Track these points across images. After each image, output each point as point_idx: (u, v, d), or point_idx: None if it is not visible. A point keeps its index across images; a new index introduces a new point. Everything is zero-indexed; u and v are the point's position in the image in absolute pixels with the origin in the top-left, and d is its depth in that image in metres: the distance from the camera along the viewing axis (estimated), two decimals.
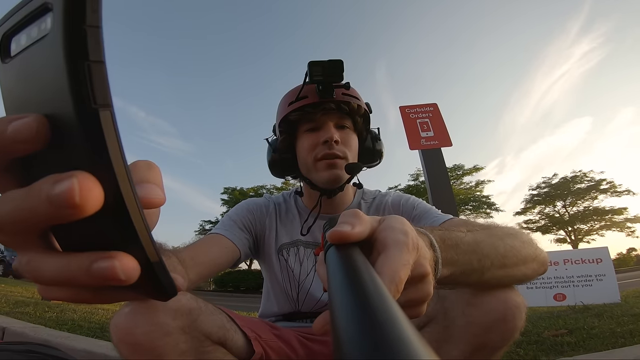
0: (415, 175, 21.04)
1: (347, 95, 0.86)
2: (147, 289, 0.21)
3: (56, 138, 0.17)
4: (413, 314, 0.34)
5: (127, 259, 0.18)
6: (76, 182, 0.15)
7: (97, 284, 0.18)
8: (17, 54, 0.18)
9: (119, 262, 0.17)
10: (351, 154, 0.87)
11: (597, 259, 3.71)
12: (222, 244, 0.80)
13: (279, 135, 0.93)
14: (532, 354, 1.71)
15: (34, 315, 2.57)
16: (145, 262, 0.19)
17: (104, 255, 0.18)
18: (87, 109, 0.16)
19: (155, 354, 0.49)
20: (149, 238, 0.19)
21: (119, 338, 0.50)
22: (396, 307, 0.17)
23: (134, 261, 0.18)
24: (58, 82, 0.16)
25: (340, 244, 0.30)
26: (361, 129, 0.93)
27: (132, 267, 0.18)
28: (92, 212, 0.16)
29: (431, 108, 3.46)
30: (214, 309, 0.59)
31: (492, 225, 0.57)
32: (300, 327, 0.85)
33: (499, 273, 0.49)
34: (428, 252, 0.36)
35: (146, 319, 0.50)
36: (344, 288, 0.20)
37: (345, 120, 0.88)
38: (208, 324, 0.55)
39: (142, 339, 0.49)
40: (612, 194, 21.53)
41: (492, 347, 0.56)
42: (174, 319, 0.51)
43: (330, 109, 0.85)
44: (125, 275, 0.18)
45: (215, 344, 0.56)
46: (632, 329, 1.93)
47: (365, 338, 0.14)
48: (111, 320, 0.52)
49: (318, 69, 0.80)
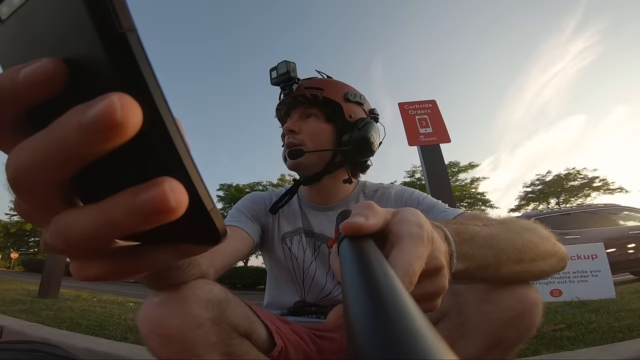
0: (411, 172, 21.16)
1: (310, 89, 0.92)
2: (196, 230, 0.19)
3: (76, 81, 0.16)
4: (428, 308, 0.33)
5: (175, 183, 0.16)
6: (116, 99, 0.14)
7: (143, 224, 0.15)
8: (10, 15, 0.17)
9: (169, 184, 0.15)
10: (311, 142, 0.90)
11: (592, 255, 3.75)
12: (238, 234, 0.81)
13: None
14: (534, 348, 1.72)
15: (31, 313, 2.54)
16: (192, 194, 0.17)
17: (150, 184, 0.15)
18: (114, 34, 0.14)
19: (187, 345, 0.48)
20: (193, 165, 0.17)
21: (150, 330, 0.49)
22: (410, 300, 0.16)
23: (181, 186, 0.16)
24: (74, 17, 0.14)
25: (354, 236, 0.30)
26: (334, 118, 0.92)
27: (182, 191, 0.16)
28: (134, 132, 0.14)
29: (430, 105, 3.46)
30: (240, 301, 0.59)
31: (508, 219, 0.55)
32: (307, 322, 0.85)
33: (516, 268, 0.48)
34: (443, 245, 0.36)
35: (179, 309, 0.48)
36: (357, 281, 0.20)
37: (311, 109, 0.93)
38: (236, 316, 0.55)
39: (175, 331, 0.48)
40: (605, 192, 21.78)
41: (508, 344, 0.55)
42: (206, 310, 0.50)
43: (297, 102, 0.93)
44: (177, 200, 0.15)
45: (241, 336, 0.55)
46: (630, 324, 1.96)
47: (377, 332, 0.14)
48: (139, 311, 0.51)
49: (274, 73, 0.94)
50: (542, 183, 23.50)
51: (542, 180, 23.55)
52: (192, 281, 0.50)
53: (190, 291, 0.49)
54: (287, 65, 0.91)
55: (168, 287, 0.49)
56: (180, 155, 0.16)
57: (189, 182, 0.17)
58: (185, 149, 0.17)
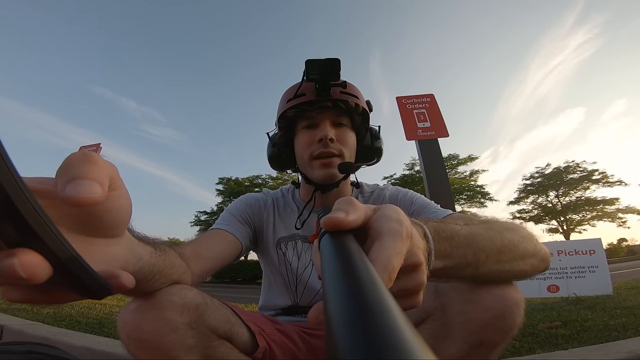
0: (410, 164, 21.15)
1: (345, 94, 0.86)
2: (74, 287, 0.21)
3: None
4: (409, 304, 0.33)
5: (31, 257, 0.17)
6: None
7: (10, 282, 0.18)
8: None
9: (18, 259, 0.17)
10: (348, 152, 0.87)
11: (590, 251, 3.77)
12: (224, 238, 0.80)
13: (278, 130, 0.94)
14: (528, 346, 1.74)
15: (31, 312, 2.55)
16: (57, 261, 0.19)
17: (8, 253, 0.17)
18: None
19: (163, 349, 0.50)
20: (53, 235, 0.18)
21: (126, 334, 0.51)
22: (388, 295, 0.17)
23: (39, 259, 0.18)
24: None
25: (334, 231, 0.30)
26: (359, 127, 0.93)
27: (35, 264, 0.18)
28: None
29: (428, 99, 3.42)
30: (220, 303, 0.60)
31: (491, 219, 0.55)
32: (299, 321, 0.85)
33: (495, 267, 0.48)
34: (422, 242, 0.36)
35: (153, 315, 0.50)
36: (336, 276, 0.20)
37: (343, 118, 0.88)
38: (214, 319, 0.55)
39: (149, 336, 0.50)
40: (604, 185, 21.84)
41: (490, 344, 0.56)
42: (180, 315, 0.51)
43: (326, 107, 0.85)
44: (26, 273, 0.17)
45: (221, 338, 0.57)
46: (625, 322, 1.97)
47: (355, 327, 0.14)
48: (118, 315, 0.53)
49: (315, 68, 0.80)
50: (542, 176, 23.54)
51: (542, 173, 23.59)
52: (166, 287, 0.51)
53: (164, 297, 0.51)
54: (339, 64, 0.81)
55: (144, 294, 0.50)
56: (38, 233, 0.18)
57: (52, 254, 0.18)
58: (46, 226, 0.18)
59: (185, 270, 0.57)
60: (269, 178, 22.57)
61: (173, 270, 0.51)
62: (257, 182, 23.33)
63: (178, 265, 0.54)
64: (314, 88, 0.84)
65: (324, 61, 0.80)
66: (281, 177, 21.10)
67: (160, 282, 0.49)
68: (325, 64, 0.80)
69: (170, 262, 0.50)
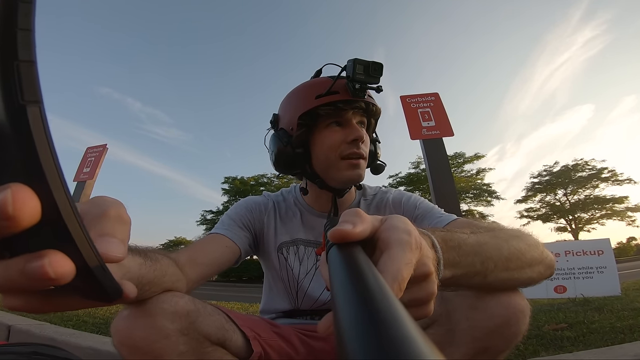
0: (416, 163, 21.05)
1: (370, 97, 0.87)
2: (88, 291, 0.22)
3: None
4: (420, 314, 0.34)
5: (59, 258, 0.18)
6: (9, 193, 0.16)
7: (33, 285, 0.18)
8: None
9: (49, 260, 0.18)
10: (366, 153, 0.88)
11: (598, 251, 3.72)
12: (222, 243, 0.80)
13: (296, 128, 0.85)
14: (532, 348, 1.72)
15: None
16: (83, 265, 0.19)
17: (37, 255, 0.18)
18: (14, 105, 0.15)
19: (154, 355, 0.51)
20: (86, 242, 0.19)
21: (119, 341, 0.52)
22: (399, 305, 0.16)
23: (67, 261, 0.18)
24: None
25: (342, 243, 0.30)
26: (373, 131, 0.94)
27: (64, 265, 0.18)
28: (29, 224, 0.17)
29: (432, 98, 3.40)
30: (213, 309, 0.60)
31: (497, 227, 0.56)
32: (300, 324, 0.85)
33: (503, 275, 0.48)
34: (430, 252, 0.36)
35: (144, 322, 0.51)
36: (346, 288, 0.20)
37: (364, 119, 0.89)
38: (207, 325, 0.56)
39: (141, 343, 0.51)
40: (613, 183, 21.54)
41: (495, 350, 0.56)
42: (172, 322, 0.52)
43: (359, 107, 0.84)
44: (55, 273, 0.18)
45: (214, 344, 0.57)
46: (632, 324, 1.94)
47: (368, 338, 0.14)
48: (112, 323, 0.54)
49: (361, 68, 0.80)
50: (550, 174, 23.28)
51: (550, 171, 23.33)
52: (158, 295, 0.53)
53: (155, 305, 0.52)
54: (382, 69, 0.82)
55: (136, 301, 0.51)
56: (73, 236, 0.18)
57: (79, 257, 0.19)
58: (80, 229, 0.18)
59: (180, 277, 0.58)
60: (275, 177, 22.61)
61: (165, 279, 0.53)
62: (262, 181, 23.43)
63: (171, 273, 0.55)
64: (351, 87, 0.81)
65: (371, 63, 0.81)
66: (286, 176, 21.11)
67: (152, 291, 0.51)
68: (372, 67, 0.81)
69: (162, 271, 0.51)
